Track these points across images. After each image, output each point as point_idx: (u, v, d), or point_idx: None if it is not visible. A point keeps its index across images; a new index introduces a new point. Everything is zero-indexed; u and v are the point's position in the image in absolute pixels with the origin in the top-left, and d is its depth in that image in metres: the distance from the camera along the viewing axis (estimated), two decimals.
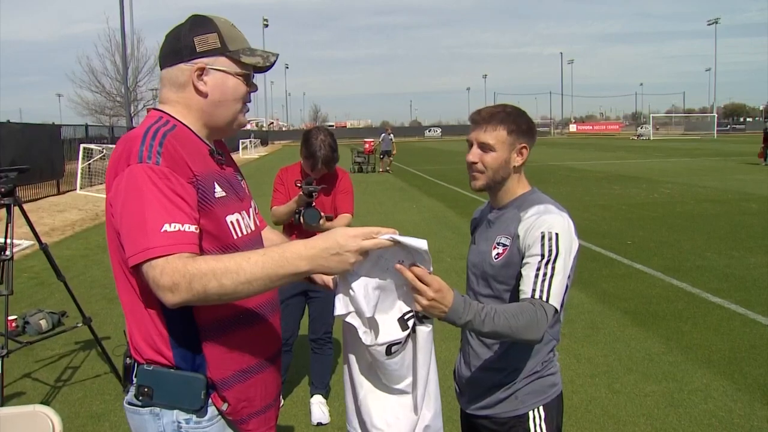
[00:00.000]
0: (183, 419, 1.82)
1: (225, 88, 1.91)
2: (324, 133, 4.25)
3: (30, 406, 2.31)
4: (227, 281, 1.63)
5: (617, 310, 6.81)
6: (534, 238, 2.11)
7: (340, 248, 1.68)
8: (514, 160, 2.27)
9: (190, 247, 1.66)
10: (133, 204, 1.68)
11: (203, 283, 1.61)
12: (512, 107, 2.32)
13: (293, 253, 1.68)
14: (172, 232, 1.65)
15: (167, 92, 1.94)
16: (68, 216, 15.19)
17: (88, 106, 41.87)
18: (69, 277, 5.49)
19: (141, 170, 1.69)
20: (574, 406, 4.54)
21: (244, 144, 51.69)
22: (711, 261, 8.99)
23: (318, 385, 4.60)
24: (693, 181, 20.85)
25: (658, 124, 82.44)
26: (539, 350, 2.28)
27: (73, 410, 4.68)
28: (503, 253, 2.23)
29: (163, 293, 1.63)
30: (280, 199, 4.35)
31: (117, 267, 1.86)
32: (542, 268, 2.06)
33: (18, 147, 17.64)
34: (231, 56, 1.91)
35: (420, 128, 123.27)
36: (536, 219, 2.16)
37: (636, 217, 13.29)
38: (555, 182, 20.85)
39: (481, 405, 2.37)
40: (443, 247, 10.35)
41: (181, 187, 1.72)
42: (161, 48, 1.96)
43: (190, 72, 1.88)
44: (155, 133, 1.77)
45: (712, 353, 5.53)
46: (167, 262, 1.62)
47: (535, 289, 2.04)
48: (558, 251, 2.08)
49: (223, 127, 1.97)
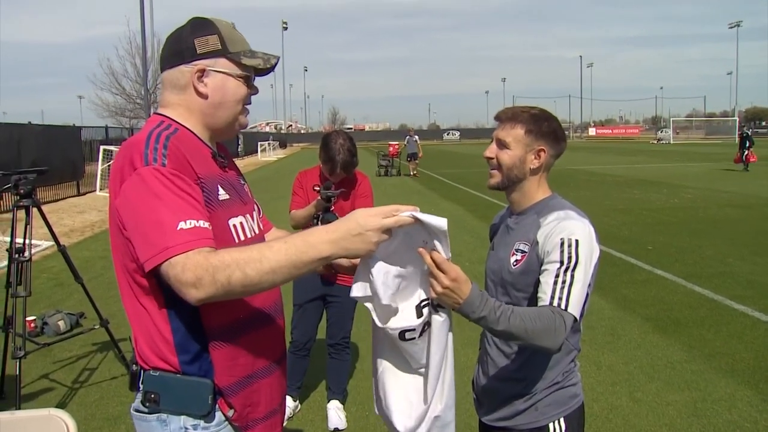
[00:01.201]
0: (191, 425, 1.80)
1: (225, 89, 1.90)
2: (343, 137, 4.23)
3: (45, 410, 2.31)
4: (251, 271, 1.60)
5: (638, 316, 6.72)
6: (553, 244, 2.07)
7: (361, 228, 1.66)
8: (530, 161, 2.23)
9: (208, 242, 1.65)
10: (145, 207, 1.67)
11: (227, 274, 1.59)
12: (540, 110, 2.29)
13: (317, 237, 1.67)
14: (189, 229, 1.63)
15: (168, 95, 1.94)
16: (88, 217, 15.31)
17: (108, 107, 42.21)
18: (87, 279, 5.50)
19: (148, 173, 1.68)
20: (595, 414, 4.47)
21: (262, 146, 51.91)
22: (734, 267, 8.85)
23: (335, 390, 4.57)
24: (714, 185, 20.63)
25: (679, 128, 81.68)
26: (560, 360, 2.23)
27: (89, 412, 4.68)
28: (522, 260, 2.19)
29: (187, 290, 1.60)
30: (299, 202, 4.33)
31: (121, 273, 1.85)
32: (561, 276, 2.01)
33: (39, 148, 17.84)
34: (231, 58, 1.90)
35: (438, 131, 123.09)
36: (556, 225, 2.11)
37: (656, 222, 13.15)
38: (574, 186, 20.70)
39: (499, 416, 2.32)
40: (462, 250, 10.30)
41: (189, 186, 1.71)
42: (162, 50, 1.96)
43: (190, 74, 1.88)
44: (158, 137, 1.76)
45: (735, 362, 5.43)
46: (187, 257, 1.60)
47: (554, 297, 1.99)
48: (578, 258, 2.03)
49: (224, 128, 1.97)
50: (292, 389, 4.51)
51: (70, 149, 20.56)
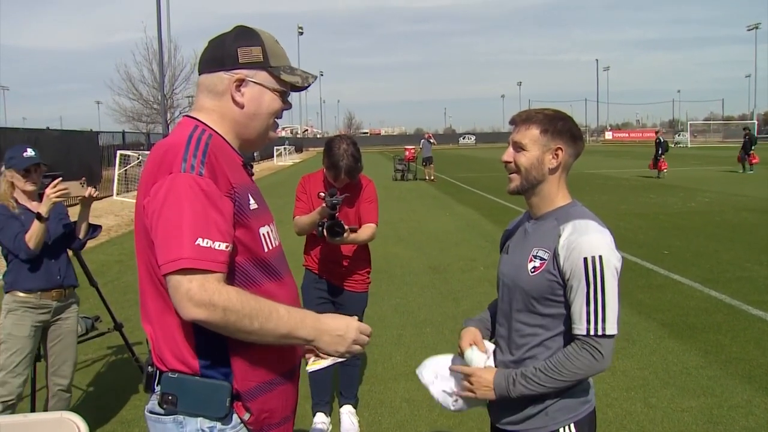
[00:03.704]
0: (207, 427, 1.80)
1: (261, 101, 1.92)
2: (347, 142, 4.15)
3: (57, 413, 2.33)
4: (257, 323, 1.72)
5: (654, 321, 6.67)
6: (577, 265, 2.08)
7: (344, 332, 1.88)
8: (549, 161, 2.22)
9: (218, 266, 1.69)
10: (171, 212, 1.69)
11: (236, 318, 1.70)
12: (553, 110, 2.29)
13: (310, 320, 1.85)
14: (204, 248, 1.67)
15: (204, 99, 1.94)
16: (105, 221, 15.40)
17: (125, 113, 42.43)
18: (103, 282, 5.55)
19: (184, 180, 1.70)
20: (609, 420, 4.43)
21: (278, 151, 52.13)
22: (751, 272, 8.76)
23: (347, 395, 4.55)
24: (732, 189, 20.44)
25: (696, 132, 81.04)
26: None
27: (103, 416, 4.71)
28: (541, 268, 2.17)
29: (191, 306, 1.65)
30: (303, 208, 4.26)
31: (146, 273, 1.86)
32: (592, 297, 2.07)
33: (56, 153, 18.00)
34: (272, 72, 1.92)
35: (454, 135, 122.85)
36: (577, 239, 2.11)
37: (673, 226, 13.05)
38: (590, 190, 20.59)
39: (510, 420, 2.30)
40: (476, 255, 10.28)
41: (220, 201, 1.74)
42: (203, 53, 1.97)
43: (229, 81, 1.89)
44: (198, 142, 1.78)
45: (753, 368, 5.36)
46: (206, 279, 1.66)
47: (590, 323, 2.07)
48: (604, 275, 2.08)
49: (254, 140, 1.99)
50: (323, 404, 4.44)
51: (88, 154, 20.78)
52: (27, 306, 3.94)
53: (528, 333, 2.23)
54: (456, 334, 2.44)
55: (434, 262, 10.07)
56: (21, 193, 3.99)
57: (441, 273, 9.33)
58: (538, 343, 2.21)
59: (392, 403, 4.87)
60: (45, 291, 4.00)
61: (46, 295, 4.00)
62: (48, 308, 4.02)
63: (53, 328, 4.11)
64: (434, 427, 4.44)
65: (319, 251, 4.34)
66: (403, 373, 5.35)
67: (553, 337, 2.19)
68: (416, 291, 8.23)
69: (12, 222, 3.88)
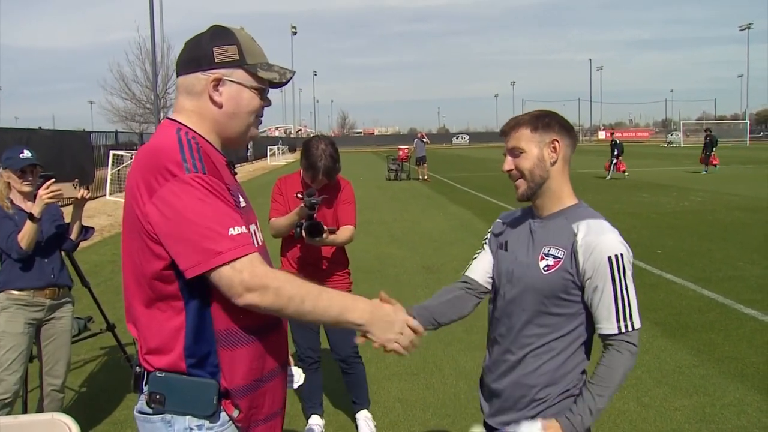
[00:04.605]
0: (195, 425, 1.81)
1: (239, 100, 1.92)
2: (325, 143, 4.07)
3: (48, 414, 2.33)
4: (308, 305, 1.78)
5: (646, 320, 6.63)
6: (602, 264, 2.13)
7: (394, 317, 1.94)
8: (549, 156, 2.24)
9: (254, 248, 1.76)
10: (192, 213, 1.70)
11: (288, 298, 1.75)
12: (538, 110, 2.33)
13: (362, 303, 1.89)
14: (239, 235, 1.72)
15: (183, 100, 1.95)
16: (97, 221, 15.35)
17: (118, 113, 42.31)
18: (96, 283, 5.53)
19: (193, 180, 1.72)
20: (601, 420, 4.43)
21: (272, 150, 52.04)
22: (744, 271, 8.80)
23: (360, 401, 4.44)
24: (725, 189, 20.51)
25: (689, 131, 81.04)
26: (574, 368, 2.24)
27: (95, 416, 4.70)
28: (555, 266, 2.18)
29: (244, 293, 1.70)
30: (280, 209, 4.17)
31: (133, 277, 1.87)
32: (620, 295, 2.13)
33: (49, 153, 17.89)
34: (248, 69, 1.92)
35: (448, 135, 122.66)
36: (596, 239, 2.15)
37: (666, 225, 13.09)
38: (584, 190, 20.61)
39: (506, 419, 2.30)
40: (470, 255, 10.16)
41: (227, 194, 1.79)
42: (180, 55, 1.97)
43: (206, 81, 1.89)
44: (189, 143, 1.79)
45: (745, 366, 5.38)
46: (252, 265, 1.71)
47: (620, 323, 2.12)
48: (626, 272, 2.15)
49: (235, 138, 1.99)
50: (316, 407, 4.42)
51: (80, 154, 20.67)
52: (20, 303, 3.93)
53: (534, 333, 2.23)
54: (450, 334, 2.43)
55: (428, 262, 10.08)
56: (17, 193, 3.99)
57: (435, 273, 9.34)
58: (543, 343, 2.22)
59: (385, 402, 4.86)
60: (38, 290, 3.99)
61: (39, 293, 3.99)
62: (41, 306, 4.01)
63: (47, 327, 4.10)
64: (427, 426, 4.44)
65: (296, 253, 4.26)
66: (396, 373, 5.35)
67: (560, 338, 2.20)
68: (410, 291, 8.22)
69: (5, 222, 3.88)
